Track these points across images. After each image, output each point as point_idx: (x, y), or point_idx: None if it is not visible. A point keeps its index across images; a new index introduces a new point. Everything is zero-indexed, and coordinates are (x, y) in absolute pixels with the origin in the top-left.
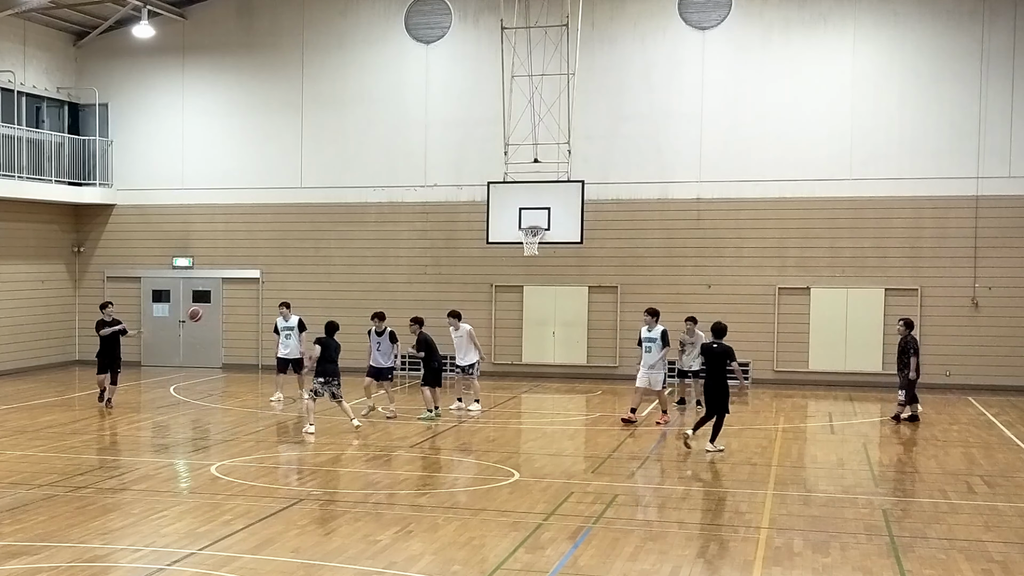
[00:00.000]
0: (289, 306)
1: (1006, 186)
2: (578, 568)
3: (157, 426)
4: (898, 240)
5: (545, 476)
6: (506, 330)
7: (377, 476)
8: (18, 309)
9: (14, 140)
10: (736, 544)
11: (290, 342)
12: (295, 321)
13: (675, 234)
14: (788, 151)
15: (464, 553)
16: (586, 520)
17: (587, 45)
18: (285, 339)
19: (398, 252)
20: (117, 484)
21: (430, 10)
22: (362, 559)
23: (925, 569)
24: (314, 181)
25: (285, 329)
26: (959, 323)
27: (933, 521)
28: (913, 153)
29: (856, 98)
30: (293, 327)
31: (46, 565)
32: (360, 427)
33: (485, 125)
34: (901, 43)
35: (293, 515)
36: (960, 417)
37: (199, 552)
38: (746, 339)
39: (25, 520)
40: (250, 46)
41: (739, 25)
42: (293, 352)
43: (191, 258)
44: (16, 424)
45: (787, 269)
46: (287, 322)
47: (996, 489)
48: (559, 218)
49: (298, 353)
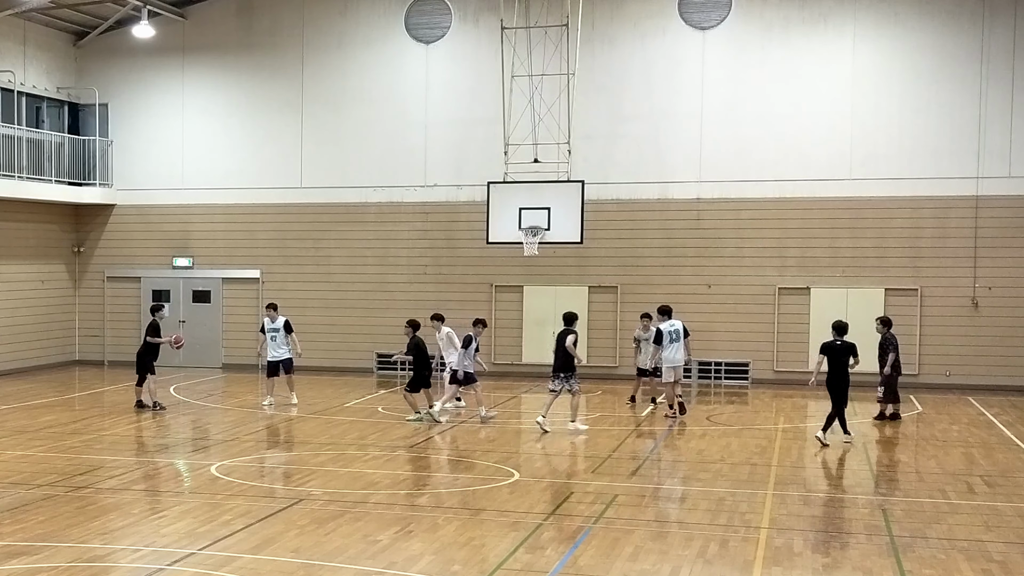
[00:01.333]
0: (276, 308)
1: (1006, 186)
2: (578, 568)
3: (157, 426)
4: (898, 240)
5: (545, 476)
6: (506, 330)
7: (377, 476)
8: (18, 309)
9: (14, 140)
10: (736, 544)
11: (276, 343)
12: (281, 323)
13: (675, 234)
14: (788, 151)
15: (464, 553)
16: (586, 520)
17: (587, 45)
18: (271, 340)
19: (398, 252)
20: (117, 484)
21: (430, 10)
22: (362, 559)
23: (925, 569)
24: (314, 181)
25: (271, 331)
26: (959, 323)
27: (933, 521)
28: (913, 153)
29: (856, 98)
30: (279, 328)
31: (46, 565)
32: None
33: (485, 125)
34: (901, 43)
35: (293, 515)
36: (960, 417)
37: (199, 552)
38: (746, 339)
39: (25, 520)
40: (250, 46)
41: (739, 25)
42: (283, 353)
43: (191, 258)
44: (16, 424)
45: (787, 269)
46: (273, 324)
47: (996, 489)
48: (559, 218)
49: (288, 354)
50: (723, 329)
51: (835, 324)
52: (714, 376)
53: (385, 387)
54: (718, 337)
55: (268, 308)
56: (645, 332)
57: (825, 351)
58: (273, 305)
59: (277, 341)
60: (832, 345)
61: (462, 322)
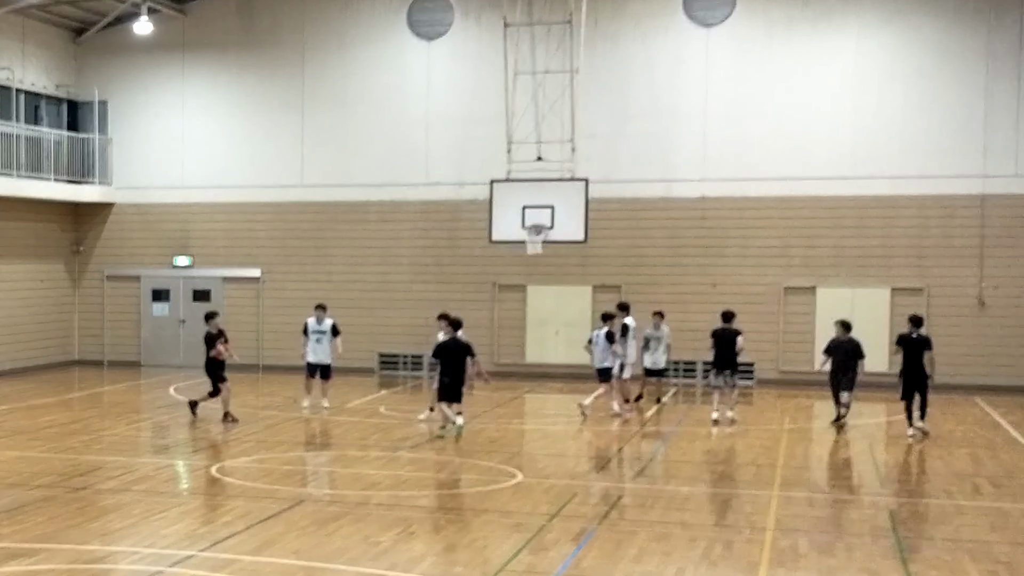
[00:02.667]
0: (325, 308)
1: (1012, 184)
2: (581, 570)
3: (157, 427)
4: (904, 239)
5: (548, 477)
6: (509, 330)
7: (379, 477)
8: (17, 309)
9: (12, 138)
10: (741, 545)
11: (321, 346)
12: (328, 325)
13: (679, 233)
14: (792, 149)
15: (467, 555)
16: (590, 521)
17: (590, 42)
18: (316, 343)
19: (400, 251)
20: (117, 485)
21: (432, 7)
22: (363, 560)
23: (931, 570)
24: (315, 179)
25: (317, 332)
26: (965, 322)
27: (939, 522)
28: (918, 151)
29: (860, 96)
30: (325, 331)
31: (45, 567)
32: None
33: (488, 123)
34: (905, 40)
35: (294, 516)
36: (966, 417)
37: (199, 554)
38: (751, 339)
39: (24, 521)
40: (250, 43)
41: (743, 22)
42: (324, 357)
43: (191, 257)
44: (15, 424)
45: (792, 268)
46: (320, 325)
47: (1002, 490)
48: (562, 217)
49: (328, 359)
50: None
51: (911, 317)
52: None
53: (387, 387)
54: None
55: (317, 309)
56: (656, 330)
57: (902, 343)
58: (322, 306)
59: (323, 344)
60: (908, 338)
61: (465, 321)
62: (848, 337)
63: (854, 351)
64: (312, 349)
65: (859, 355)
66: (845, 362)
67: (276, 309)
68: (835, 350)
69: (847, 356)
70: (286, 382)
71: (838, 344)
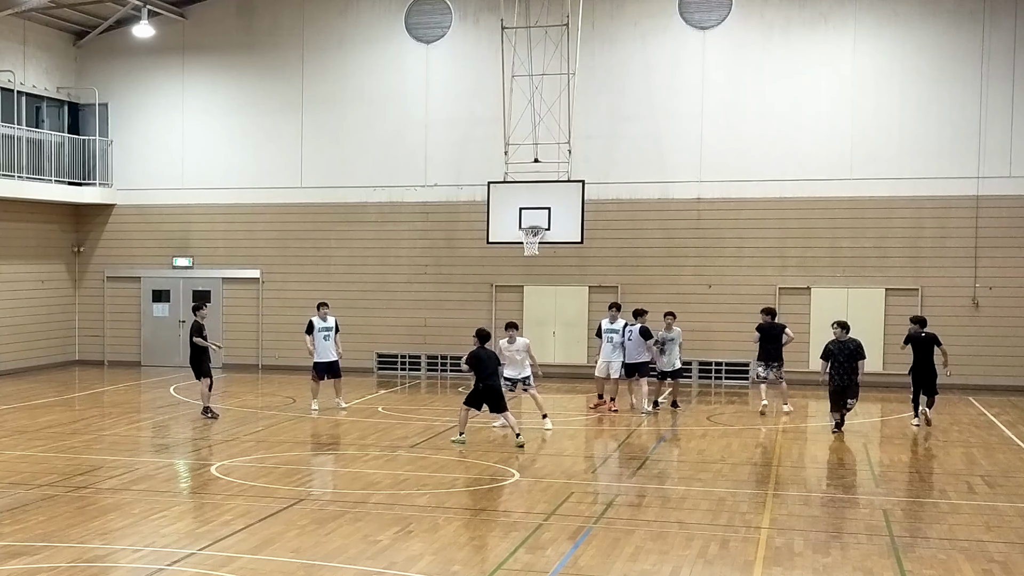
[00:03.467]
0: (328, 306)
1: (1007, 186)
2: (578, 568)
3: (157, 426)
4: (899, 240)
5: (545, 476)
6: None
7: (377, 476)
8: (18, 309)
9: (14, 140)
10: (736, 544)
11: (328, 344)
12: (333, 322)
13: (675, 234)
14: (788, 151)
15: (464, 553)
16: (586, 520)
17: (587, 45)
18: (323, 341)
19: (398, 252)
20: (117, 484)
21: (430, 9)
22: (362, 559)
23: (925, 569)
24: (314, 181)
25: (323, 330)
26: (960, 323)
27: (934, 521)
28: (914, 153)
29: (857, 98)
30: (332, 328)
31: (46, 565)
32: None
33: (485, 125)
34: (902, 43)
35: (293, 515)
36: (961, 417)
37: (199, 552)
38: (746, 339)
39: (25, 520)
40: (250, 46)
41: (739, 25)
42: (332, 355)
43: (191, 258)
44: (16, 424)
45: (787, 269)
46: (325, 323)
47: (997, 489)
48: (559, 218)
49: (336, 356)
50: (723, 329)
51: (914, 317)
52: (714, 376)
53: (385, 387)
54: (718, 337)
55: (320, 307)
56: (669, 332)
57: (911, 342)
58: (325, 303)
59: (330, 341)
60: (918, 336)
61: (463, 322)
62: (849, 337)
63: (856, 351)
64: (320, 347)
65: (861, 355)
66: (846, 364)
67: (276, 310)
68: (837, 352)
69: (849, 357)
70: (286, 382)
71: (840, 345)
